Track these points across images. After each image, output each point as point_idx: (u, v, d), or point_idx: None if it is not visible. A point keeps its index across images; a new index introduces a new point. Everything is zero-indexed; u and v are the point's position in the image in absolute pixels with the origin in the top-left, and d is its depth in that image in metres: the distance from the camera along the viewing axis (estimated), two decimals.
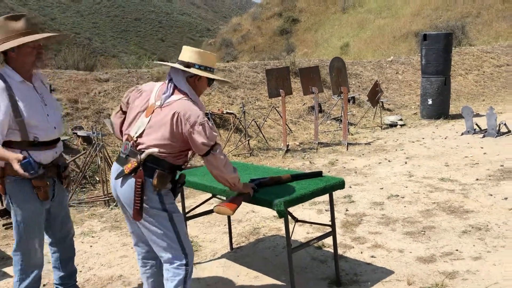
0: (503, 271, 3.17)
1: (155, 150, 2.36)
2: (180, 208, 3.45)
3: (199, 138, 2.34)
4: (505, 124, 7.80)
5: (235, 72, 10.05)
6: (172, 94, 2.41)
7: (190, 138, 2.36)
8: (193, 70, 2.44)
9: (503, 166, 5.82)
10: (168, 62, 2.55)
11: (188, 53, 2.49)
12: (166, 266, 2.50)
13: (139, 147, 2.40)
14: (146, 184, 2.39)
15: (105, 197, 5.22)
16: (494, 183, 5.17)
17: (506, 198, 4.62)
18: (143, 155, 2.37)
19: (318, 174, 3.11)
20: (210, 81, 2.56)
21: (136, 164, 2.37)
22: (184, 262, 2.47)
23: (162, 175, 2.39)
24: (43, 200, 2.60)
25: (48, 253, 2.92)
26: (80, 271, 3.57)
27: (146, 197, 2.40)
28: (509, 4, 22.09)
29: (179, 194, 2.92)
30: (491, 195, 4.76)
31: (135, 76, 8.55)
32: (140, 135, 2.41)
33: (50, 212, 2.76)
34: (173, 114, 2.34)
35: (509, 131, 7.78)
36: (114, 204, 5.18)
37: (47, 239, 2.86)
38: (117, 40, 74.44)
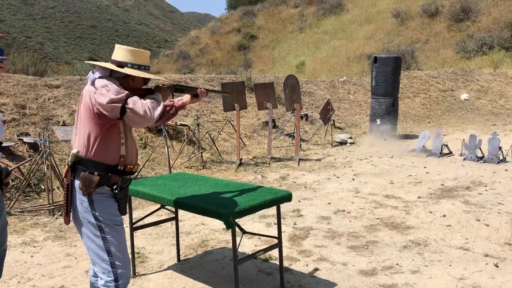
0: (437, 283, 3.34)
1: (75, 151, 2.33)
2: (127, 219, 3.42)
3: (104, 98, 2.21)
4: (447, 146, 8.23)
5: (190, 84, 10.05)
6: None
7: (97, 105, 2.24)
8: (126, 70, 2.34)
9: (443, 185, 6.13)
10: (100, 61, 2.44)
11: (121, 52, 2.40)
12: (98, 282, 2.44)
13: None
14: (74, 187, 2.35)
15: (50, 206, 5.06)
16: (435, 201, 5.43)
17: (444, 216, 4.86)
18: (70, 157, 2.35)
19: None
20: (146, 79, 2.49)
21: (67, 166, 2.36)
22: (112, 278, 2.37)
23: (85, 177, 2.29)
24: None
25: None
26: (19, 282, 3.44)
27: (78, 201, 2.35)
28: (454, 33, 23.42)
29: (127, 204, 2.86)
30: (431, 212, 5.00)
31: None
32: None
33: None
34: (81, 98, 2.36)
35: (450, 152, 8.20)
36: (59, 213, 5.03)
37: None
38: (71, 47, 72.61)
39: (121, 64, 2.36)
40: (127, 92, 2.28)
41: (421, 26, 25.28)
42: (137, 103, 2.24)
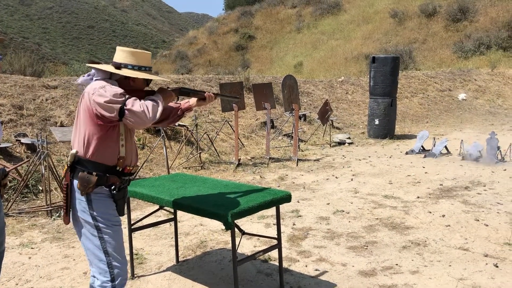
0: (438, 284, 3.34)
1: (74, 151, 2.34)
2: (126, 220, 3.40)
3: (102, 98, 2.21)
4: (445, 146, 8.23)
5: (188, 84, 10.03)
6: None
7: (95, 105, 2.24)
8: (124, 71, 2.34)
9: (442, 185, 6.13)
10: (101, 63, 2.44)
11: (121, 54, 2.41)
12: (95, 282, 2.42)
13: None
14: (73, 186, 2.34)
15: (48, 207, 5.03)
16: (434, 201, 5.43)
17: (443, 216, 4.86)
18: (69, 157, 2.35)
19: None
20: (147, 80, 2.48)
21: (66, 167, 2.36)
22: (108, 278, 2.36)
23: (83, 177, 2.29)
24: None
25: None
26: (17, 284, 3.42)
27: (76, 201, 2.35)
28: (452, 33, 23.45)
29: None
30: (430, 212, 5.00)
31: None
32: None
33: None
34: (80, 99, 2.35)
35: (448, 152, 8.20)
36: (57, 214, 5.01)
37: None
38: (68, 47, 72.53)
39: (119, 66, 2.36)
40: (125, 92, 2.28)
41: (419, 26, 25.32)
42: (135, 104, 2.23)
